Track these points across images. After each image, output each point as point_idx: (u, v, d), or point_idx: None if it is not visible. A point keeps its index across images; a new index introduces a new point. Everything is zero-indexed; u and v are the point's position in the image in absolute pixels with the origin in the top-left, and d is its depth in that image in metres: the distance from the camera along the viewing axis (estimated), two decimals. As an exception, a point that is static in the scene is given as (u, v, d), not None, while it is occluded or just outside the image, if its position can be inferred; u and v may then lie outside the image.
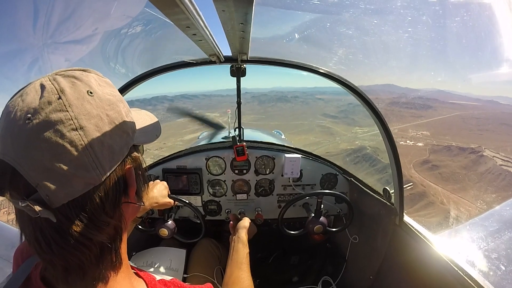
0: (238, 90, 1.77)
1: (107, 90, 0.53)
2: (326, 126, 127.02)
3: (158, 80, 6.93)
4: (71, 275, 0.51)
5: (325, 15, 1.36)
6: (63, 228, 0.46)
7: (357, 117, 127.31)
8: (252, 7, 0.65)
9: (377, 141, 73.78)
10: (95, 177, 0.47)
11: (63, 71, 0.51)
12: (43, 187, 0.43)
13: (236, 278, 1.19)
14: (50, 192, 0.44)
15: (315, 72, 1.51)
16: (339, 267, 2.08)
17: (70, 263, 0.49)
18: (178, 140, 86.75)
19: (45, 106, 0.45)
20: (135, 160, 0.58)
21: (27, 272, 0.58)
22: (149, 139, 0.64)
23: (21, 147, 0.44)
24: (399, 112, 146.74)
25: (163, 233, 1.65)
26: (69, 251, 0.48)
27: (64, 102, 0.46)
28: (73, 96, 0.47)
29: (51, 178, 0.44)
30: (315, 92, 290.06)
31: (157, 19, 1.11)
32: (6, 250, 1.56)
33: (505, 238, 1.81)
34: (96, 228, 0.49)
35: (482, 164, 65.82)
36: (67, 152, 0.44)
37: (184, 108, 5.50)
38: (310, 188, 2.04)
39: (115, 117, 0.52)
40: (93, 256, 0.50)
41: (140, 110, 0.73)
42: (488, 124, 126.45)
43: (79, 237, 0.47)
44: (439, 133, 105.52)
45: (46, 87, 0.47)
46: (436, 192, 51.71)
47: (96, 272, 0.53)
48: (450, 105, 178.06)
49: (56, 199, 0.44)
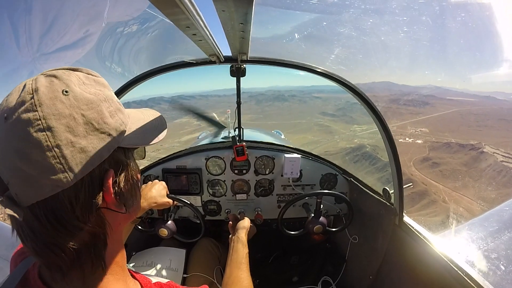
0: (238, 90, 1.77)
1: (91, 89, 0.51)
2: (324, 124, 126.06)
3: (155, 81, 6.92)
4: (54, 274, 0.51)
5: (325, 15, 1.36)
6: (34, 229, 0.46)
7: (355, 115, 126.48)
8: (252, 7, 0.65)
9: (376, 139, 73.39)
10: (63, 180, 0.45)
11: (49, 71, 0.50)
12: (12, 185, 0.45)
13: (236, 278, 1.19)
14: (19, 191, 0.44)
15: (316, 73, 1.51)
16: (339, 267, 2.08)
17: (50, 262, 0.49)
18: (175, 142, 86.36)
19: (19, 106, 0.45)
20: (120, 163, 0.55)
21: (23, 271, 0.58)
22: (145, 141, 0.60)
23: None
24: (397, 109, 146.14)
25: (163, 233, 1.65)
26: (44, 251, 0.48)
27: (36, 101, 0.45)
28: (46, 95, 0.46)
29: (19, 177, 0.44)
30: (312, 91, 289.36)
31: (156, 19, 1.12)
32: (6, 250, 1.56)
33: (504, 238, 1.81)
34: (66, 232, 0.47)
35: (483, 161, 65.11)
36: (33, 153, 0.43)
37: (187, 105, 5.41)
38: (310, 188, 2.04)
39: (93, 117, 0.49)
40: (68, 259, 0.49)
41: (148, 110, 0.70)
42: (487, 120, 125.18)
43: (49, 240, 0.47)
44: (438, 130, 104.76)
45: (26, 87, 0.46)
46: (438, 190, 51.17)
47: (79, 273, 0.52)
48: (447, 102, 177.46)
49: (25, 198, 0.44)
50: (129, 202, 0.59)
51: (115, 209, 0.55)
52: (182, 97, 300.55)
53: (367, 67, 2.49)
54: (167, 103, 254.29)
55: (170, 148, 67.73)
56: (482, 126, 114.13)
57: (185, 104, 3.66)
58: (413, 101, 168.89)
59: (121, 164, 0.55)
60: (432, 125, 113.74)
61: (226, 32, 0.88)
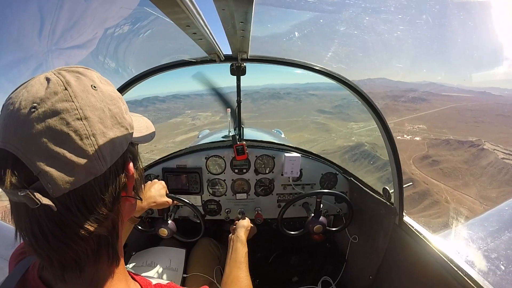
0: (238, 88, 1.76)
1: (108, 87, 0.55)
2: (320, 122, 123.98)
3: (149, 81, 6.96)
4: (68, 272, 0.50)
5: (325, 14, 1.36)
6: (62, 220, 0.46)
7: (351, 112, 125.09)
8: (252, 6, 0.65)
9: (374, 136, 72.05)
10: (97, 167, 0.48)
11: (66, 68, 0.52)
12: (45, 174, 0.43)
13: (235, 277, 1.19)
14: (52, 180, 0.44)
15: (316, 71, 1.51)
16: (339, 266, 2.09)
17: (67, 258, 0.49)
18: (170, 142, 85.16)
19: (51, 96, 0.46)
20: (134, 156, 0.60)
21: (22, 272, 0.58)
22: (145, 139, 0.66)
23: (25, 135, 0.44)
24: (394, 106, 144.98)
25: (163, 233, 1.64)
26: (67, 244, 0.48)
27: (70, 93, 0.47)
28: (78, 88, 0.49)
29: (54, 166, 0.44)
30: (307, 88, 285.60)
31: (156, 18, 1.11)
32: (6, 250, 1.56)
33: (504, 238, 1.81)
34: (95, 220, 0.49)
35: (483, 158, 64.25)
36: (71, 140, 0.45)
37: (207, 78, 4.72)
38: (310, 188, 2.04)
39: (116, 112, 0.53)
40: (90, 250, 0.50)
41: (133, 114, 0.74)
42: (484, 115, 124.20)
43: (78, 229, 0.47)
44: (435, 126, 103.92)
45: (52, 80, 0.48)
46: (440, 190, 50.35)
47: (93, 269, 0.53)
48: (443, 98, 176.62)
49: (58, 187, 0.44)
50: (140, 192, 0.64)
51: (134, 196, 0.61)
52: (177, 96, 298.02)
53: (366, 65, 2.50)
54: (161, 103, 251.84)
55: (165, 149, 66.87)
56: (480, 122, 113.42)
57: (206, 77, 3.46)
58: (409, 97, 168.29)
59: (134, 155, 0.60)
60: (429, 122, 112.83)
61: (226, 30, 0.87)
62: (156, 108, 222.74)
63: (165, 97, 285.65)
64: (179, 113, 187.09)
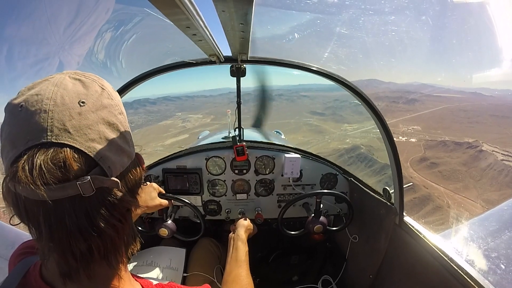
0: (238, 90, 1.77)
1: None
2: (313, 124, 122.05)
3: (141, 84, 7.00)
4: (77, 270, 0.51)
5: (325, 15, 1.37)
6: (89, 212, 0.48)
7: (344, 113, 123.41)
8: (252, 8, 0.65)
9: (369, 138, 70.42)
10: (132, 153, 0.58)
11: (85, 73, 0.58)
12: (106, 159, 0.50)
13: (236, 276, 1.19)
14: (111, 163, 0.51)
15: (316, 73, 1.51)
16: (339, 266, 2.09)
17: (82, 251, 0.49)
18: (159, 145, 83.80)
19: (94, 93, 0.53)
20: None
21: (22, 272, 0.58)
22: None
23: (83, 125, 0.49)
24: (387, 107, 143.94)
25: (163, 233, 1.65)
26: (85, 238, 0.48)
27: (108, 92, 0.56)
28: (111, 89, 0.57)
29: (112, 151, 0.52)
30: (299, 89, 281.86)
31: (156, 19, 1.12)
32: (6, 250, 1.56)
33: (505, 237, 1.81)
34: (119, 214, 0.54)
35: (483, 160, 63.45)
36: (119, 130, 0.54)
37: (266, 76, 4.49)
38: (310, 188, 2.05)
39: (124, 114, 0.61)
40: (103, 248, 0.52)
41: None
42: (478, 116, 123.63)
43: (104, 222, 0.50)
44: (430, 127, 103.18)
45: (83, 81, 0.53)
46: (440, 194, 49.71)
47: (101, 268, 0.54)
48: (435, 98, 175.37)
49: (115, 169, 0.52)
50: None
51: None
52: (168, 98, 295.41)
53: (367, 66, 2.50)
54: (152, 105, 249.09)
55: (153, 153, 65.39)
56: (474, 123, 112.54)
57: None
58: (402, 97, 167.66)
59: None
60: (423, 122, 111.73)
61: (226, 32, 0.88)
62: (147, 111, 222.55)
63: (156, 99, 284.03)
64: (170, 115, 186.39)
